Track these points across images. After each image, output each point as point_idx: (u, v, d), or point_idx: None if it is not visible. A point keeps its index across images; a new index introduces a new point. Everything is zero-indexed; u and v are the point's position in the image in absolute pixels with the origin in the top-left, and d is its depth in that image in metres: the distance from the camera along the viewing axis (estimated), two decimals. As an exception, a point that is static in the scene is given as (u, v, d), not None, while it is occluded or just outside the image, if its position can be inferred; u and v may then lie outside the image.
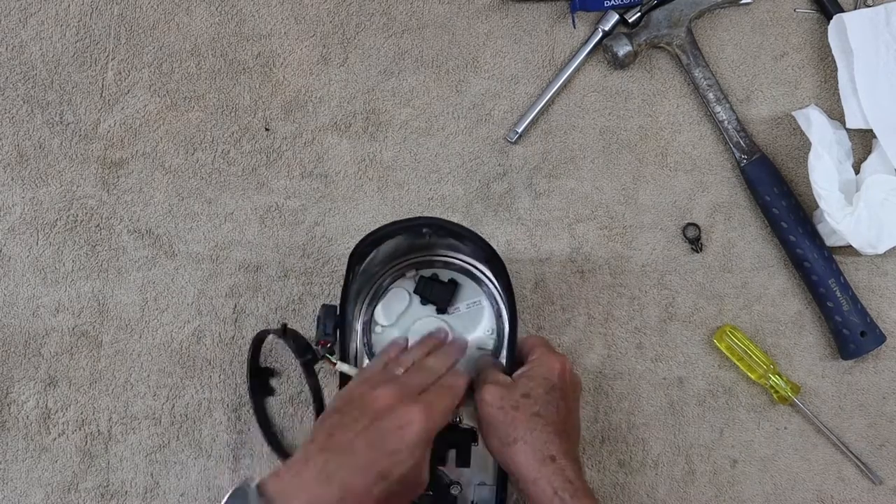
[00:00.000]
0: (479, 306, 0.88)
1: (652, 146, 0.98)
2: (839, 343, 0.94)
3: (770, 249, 0.97)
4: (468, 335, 0.87)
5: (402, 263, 0.88)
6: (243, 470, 0.94)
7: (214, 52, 0.99)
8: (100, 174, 0.97)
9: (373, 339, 0.87)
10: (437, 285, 0.87)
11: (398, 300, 0.88)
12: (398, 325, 0.88)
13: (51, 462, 0.94)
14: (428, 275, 0.88)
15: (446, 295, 0.87)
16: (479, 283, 0.88)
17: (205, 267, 0.96)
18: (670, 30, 0.96)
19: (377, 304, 0.88)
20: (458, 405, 0.79)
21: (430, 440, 0.75)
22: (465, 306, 0.88)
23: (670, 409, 0.95)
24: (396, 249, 0.86)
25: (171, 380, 0.95)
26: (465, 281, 0.88)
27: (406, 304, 0.88)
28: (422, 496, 0.79)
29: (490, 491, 0.85)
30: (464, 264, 0.88)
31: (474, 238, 0.83)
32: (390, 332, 0.88)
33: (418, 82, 0.99)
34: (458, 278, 0.88)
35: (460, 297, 0.88)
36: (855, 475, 0.94)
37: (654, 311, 0.96)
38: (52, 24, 0.99)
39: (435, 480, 0.83)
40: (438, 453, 0.82)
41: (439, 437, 0.78)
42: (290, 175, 0.97)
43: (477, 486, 0.85)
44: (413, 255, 0.88)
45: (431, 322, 0.87)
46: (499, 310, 0.87)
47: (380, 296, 0.88)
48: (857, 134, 0.96)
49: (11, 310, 0.95)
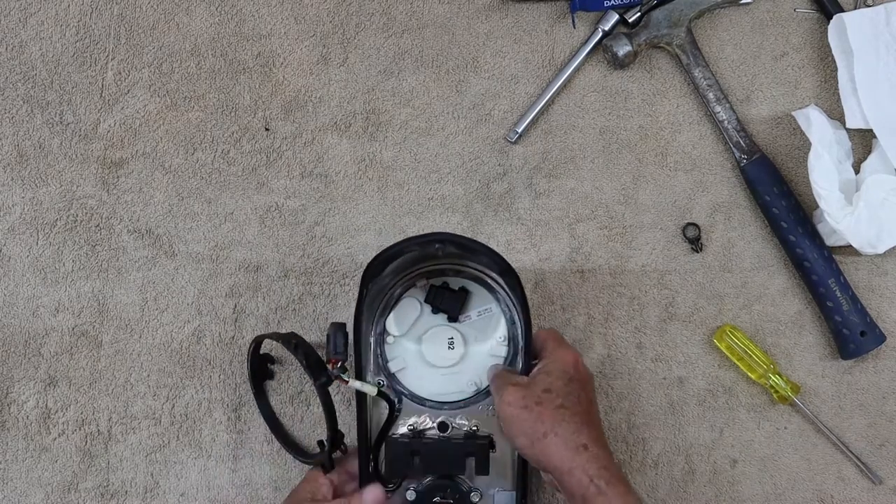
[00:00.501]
0: (491, 313, 0.88)
1: (652, 146, 0.98)
2: (839, 343, 0.94)
3: (770, 249, 0.97)
4: (481, 343, 0.87)
5: (413, 273, 0.88)
6: (243, 470, 0.94)
7: (214, 52, 0.99)
8: (100, 174, 0.97)
9: (385, 349, 0.87)
10: (448, 294, 0.87)
11: (410, 310, 0.88)
12: (410, 335, 0.88)
13: (51, 462, 0.94)
14: (438, 283, 0.88)
15: (457, 303, 0.87)
16: (490, 291, 0.88)
17: (205, 267, 0.96)
18: (670, 30, 0.96)
19: (389, 314, 0.88)
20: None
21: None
22: (477, 314, 0.88)
23: (670, 409, 0.95)
24: (406, 260, 0.85)
25: (171, 380, 0.95)
26: (475, 288, 0.88)
27: (418, 313, 0.88)
28: (442, 503, 0.82)
29: (510, 496, 0.85)
30: (474, 272, 0.88)
31: (488, 252, 0.82)
32: (402, 342, 0.88)
33: (418, 82, 0.99)
34: (469, 286, 0.88)
35: (471, 305, 0.88)
36: (855, 475, 0.94)
37: (654, 310, 0.96)
38: (51, 24, 0.99)
39: (455, 488, 0.83)
40: (456, 461, 0.83)
41: (457, 446, 0.80)
42: (289, 175, 0.97)
43: (497, 493, 0.85)
44: (423, 264, 0.88)
45: (443, 331, 0.87)
46: (511, 317, 0.87)
47: (391, 306, 0.88)
48: (857, 134, 0.96)
49: (11, 310, 0.95)
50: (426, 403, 0.86)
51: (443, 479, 0.84)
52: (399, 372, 0.87)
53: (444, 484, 0.84)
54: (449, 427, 0.85)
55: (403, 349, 0.88)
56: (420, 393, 0.87)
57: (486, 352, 0.87)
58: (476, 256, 0.84)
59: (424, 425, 0.86)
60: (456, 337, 0.87)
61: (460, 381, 0.87)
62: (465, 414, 0.86)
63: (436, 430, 0.86)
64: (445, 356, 0.87)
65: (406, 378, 0.87)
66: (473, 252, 0.83)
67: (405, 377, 0.87)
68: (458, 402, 0.86)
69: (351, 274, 0.96)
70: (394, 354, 0.87)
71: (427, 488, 0.84)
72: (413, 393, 0.86)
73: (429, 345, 0.87)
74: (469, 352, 0.87)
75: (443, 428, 0.85)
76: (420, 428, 0.86)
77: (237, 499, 0.94)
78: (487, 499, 0.85)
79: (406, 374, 0.87)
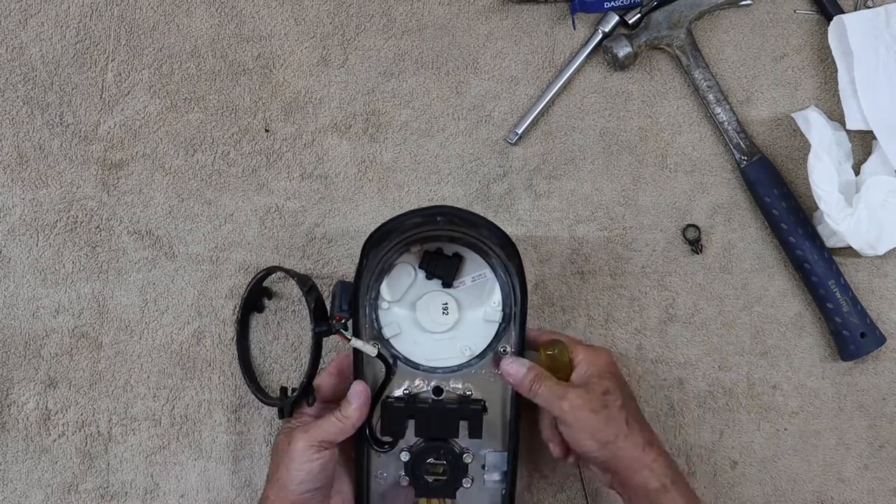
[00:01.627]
0: (485, 279, 0.88)
1: (652, 147, 0.98)
2: (839, 344, 0.94)
3: (770, 251, 0.97)
4: (475, 308, 0.88)
5: (407, 239, 0.88)
6: (243, 471, 0.94)
7: (214, 54, 0.99)
8: (100, 175, 0.97)
9: (379, 314, 0.87)
10: (442, 260, 0.88)
11: (403, 276, 0.88)
12: (404, 301, 0.88)
13: (51, 463, 0.94)
14: (432, 250, 0.88)
15: (451, 269, 0.87)
16: (483, 256, 0.88)
17: (205, 268, 0.96)
18: (670, 31, 0.96)
19: (383, 280, 0.88)
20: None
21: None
22: (471, 279, 0.88)
23: (670, 411, 0.95)
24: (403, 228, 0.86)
25: (170, 381, 0.95)
26: (469, 254, 0.88)
27: (411, 279, 0.88)
28: (436, 464, 0.83)
29: (501, 456, 0.86)
30: (468, 238, 0.88)
31: (488, 225, 0.84)
32: (396, 308, 0.88)
33: (418, 83, 0.99)
34: (463, 252, 0.88)
35: (466, 271, 0.88)
36: (855, 475, 0.94)
37: (654, 312, 0.96)
38: (52, 26, 0.99)
39: (448, 450, 0.85)
40: (450, 425, 0.85)
41: (451, 411, 0.83)
42: (290, 176, 0.97)
43: (488, 453, 0.87)
44: (416, 230, 0.88)
45: (437, 296, 0.87)
46: (504, 282, 0.87)
47: (385, 272, 0.88)
48: (857, 135, 0.96)
49: (11, 311, 0.95)
50: (420, 368, 0.87)
51: (436, 441, 0.85)
52: (393, 338, 0.87)
53: (437, 446, 0.85)
54: (443, 391, 0.86)
55: (397, 315, 0.88)
56: (414, 358, 0.87)
57: (480, 317, 0.88)
58: (476, 229, 0.86)
59: (419, 388, 0.86)
60: (450, 302, 0.87)
61: (454, 346, 0.87)
62: (458, 377, 0.86)
63: (430, 393, 0.86)
64: (440, 321, 0.87)
65: (400, 343, 0.87)
66: (474, 225, 0.85)
67: (399, 343, 0.87)
68: (452, 367, 0.87)
69: (350, 275, 0.95)
70: (388, 320, 0.87)
71: (420, 450, 0.85)
72: (407, 358, 0.87)
73: (423, 310, 0.87)
74: (463, 317, 0.88)
75: (437, 392, 0.86)
76: (414, 391, 0.86)
77: (237, 500, 0.94)
78: (479, 459, 0.86)
79: (400, 340, 0.87)
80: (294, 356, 0.95)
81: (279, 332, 0.95)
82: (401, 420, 0.85)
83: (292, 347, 0.95)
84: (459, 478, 0.85)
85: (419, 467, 0.85)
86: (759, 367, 0.95)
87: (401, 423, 0.85)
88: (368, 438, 0.85)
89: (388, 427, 0.85)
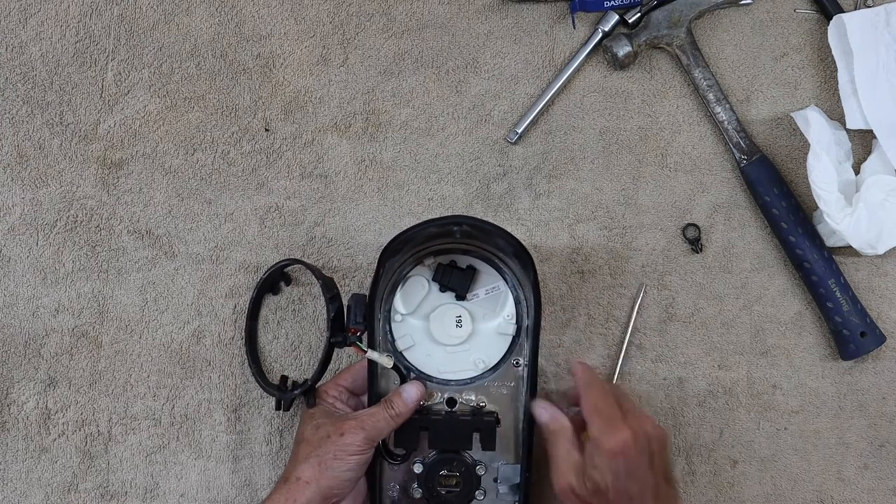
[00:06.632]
0: (499, 291, 0.88)
1: (652, 147, 0.98)
2: (839, 343, 0.94)
3: (770, 250, 0.97)
4: (488, 321, 0.88)
5: (421, 252, 0.88)
6: (243, 471, 0.94)
7: (214, 53, 0.99)
8: (100, 175, 0.97)
9: (392, 326, 0.88)
10: (456, 272, 0.88)
11: (417, 288, 0.88)
12: (417, 313, 0.88)
13: (50, 462, 0.94)
14: (446, 262, 0.88)
15: (465, 281, 0.88)
16: (497, 269, 0.88)
17: (205, 267, 0.96)
18: (670, 30, 0.96)
19: (396, 292, 0.88)
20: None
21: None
22: (485, 292, 0.89)
23: (670, 410, 0.95)
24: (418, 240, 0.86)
25: (170, 380, 0.95)
26: (483, 267, 0.89)
27: (425, 291, 0.88)
28: (449, 476, 0.84)
29: (514, 469, 0.86)
30: (482, 250, 0.88)
31: (504, 235, 0.84)
32: (410, 320, 0.88)
33: (418, 83, 0.99)
34: (477, 264, 0.89)
35: (479, 284, 0.89)
36: (855, 474, 0.94)
37: (654, 311, 0.96)
38: (51, 25, 0.99)
39: (461, 461, 0.85)
40: (464, 437, 0.85)
41: (464, 423, 0.83)
42: (289, 176, 0.97)
43: (501, 466, 0.87)
44: (430, 243, 0.88)
45: (451, 309, 0.88)
46: (518, 296, 0.88)
47: (399, 284, 0.88)
48: (857, 134, 0.96)
49: (11, 310, 0.95)
50: (433, 380, 0.87)
51: (449, 453, 0.85)
52: (407, 350, 0.88)
53: (450, 458, 0.85)
54: (457, 403, 0.87)
55: (411, 327, 0.88)
56: (427, 370, 0.87)
57: (493, 330, 0.88)
58: (491, 238, 0.85)
59: (432, 400, 0.87)
60: (464, 315, 0.88)
61: (468, 359, 0.88)
62: (471, 389, 0.87)
63: (443, 405, 0.87)
64: (453, 334, 0.88)
65: (413, 356, 0.88)
66: (489, 234, 0.85)
67: (412, 355, 0.88)
68: (466, 380, 0.87)
69: (351, 274, 0.96)
70: (401, 332, 0.88)
71: (433, 461, 0.85)
72: (420, 370, 0.87)
73: (436, 323, 0.88)
74: (477, 330, 0.88)
75: (451, 404, 0.87)
76: (427, 403, 0.87)
77: (237, 499, 0.94)
78: (492, 471, 0.86)
79: (413, 352, 0.88)
80: (294, 356, 0.95)
81: (279, 332, 0.95)
82: (414, 432, 0.85)
83: (292, 347, 0.95)
84: (472, 490, 0.85)
85: (432, 479, 0.85)
86: (759, 367, 0.95)
87: (414, 435, 0.85)
88: (382, 450, 0.85)
89: (401, 439, 0.85)
